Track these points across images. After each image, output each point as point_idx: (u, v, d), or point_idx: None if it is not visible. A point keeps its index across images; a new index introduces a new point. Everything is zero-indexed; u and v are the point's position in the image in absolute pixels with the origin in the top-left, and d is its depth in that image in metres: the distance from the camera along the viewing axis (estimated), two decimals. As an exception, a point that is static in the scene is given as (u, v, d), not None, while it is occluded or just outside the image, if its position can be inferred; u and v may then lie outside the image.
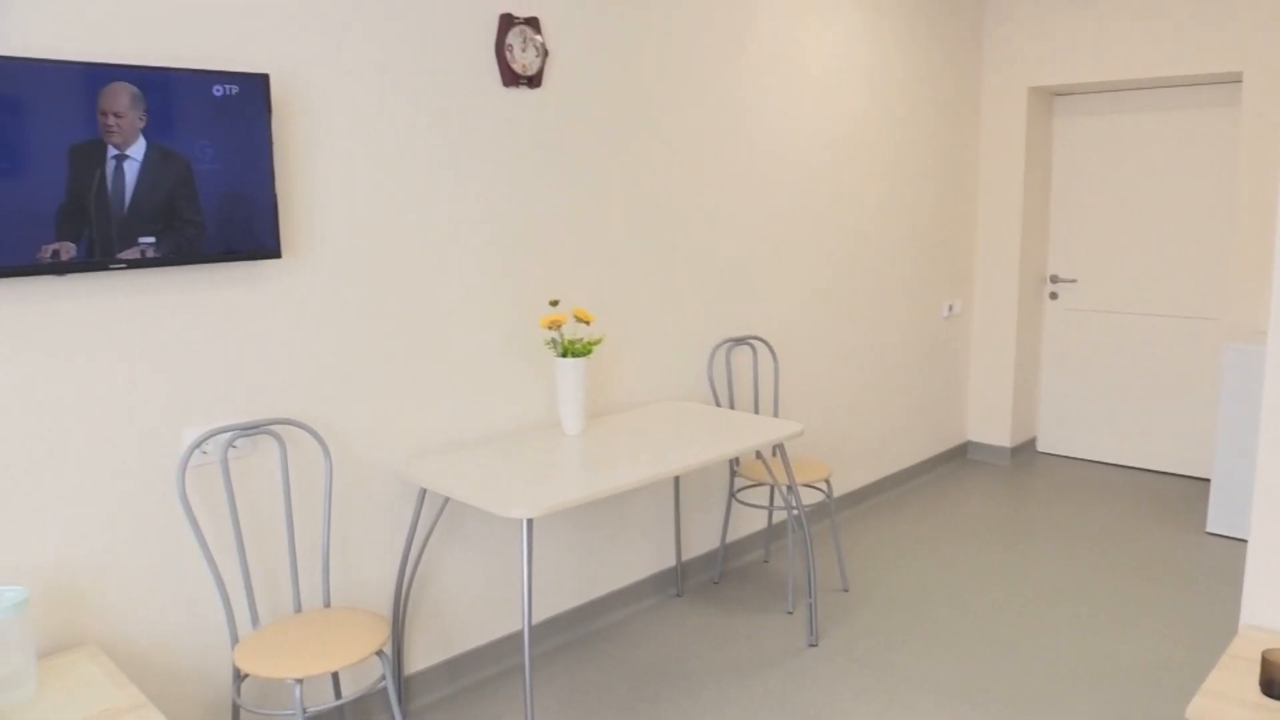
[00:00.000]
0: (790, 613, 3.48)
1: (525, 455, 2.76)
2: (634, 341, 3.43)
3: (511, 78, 2.91)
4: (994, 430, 5.35)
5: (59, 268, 2.08)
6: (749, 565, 3.95)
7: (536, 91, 3.02)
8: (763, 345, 3.96)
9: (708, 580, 3.80)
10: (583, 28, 3.13)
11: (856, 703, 2.87)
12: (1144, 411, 5.08)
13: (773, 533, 4.15)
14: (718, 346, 3.72)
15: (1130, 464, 5.18)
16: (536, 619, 3.23)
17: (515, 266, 3.02)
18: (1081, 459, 5.36)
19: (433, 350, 2.84)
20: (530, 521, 2.36)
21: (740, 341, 3.78)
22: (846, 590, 3.66)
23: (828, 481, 3.59)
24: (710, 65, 3.58)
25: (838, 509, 4.52)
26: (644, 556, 3.58)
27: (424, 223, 2.78)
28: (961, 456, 5.45)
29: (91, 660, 2.14)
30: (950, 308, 5.14)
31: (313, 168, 2.54)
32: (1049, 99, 5.20)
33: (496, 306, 2.98)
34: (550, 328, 2.89)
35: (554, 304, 2.99)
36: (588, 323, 3.01)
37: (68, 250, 2.09)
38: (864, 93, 4.34)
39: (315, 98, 2.53)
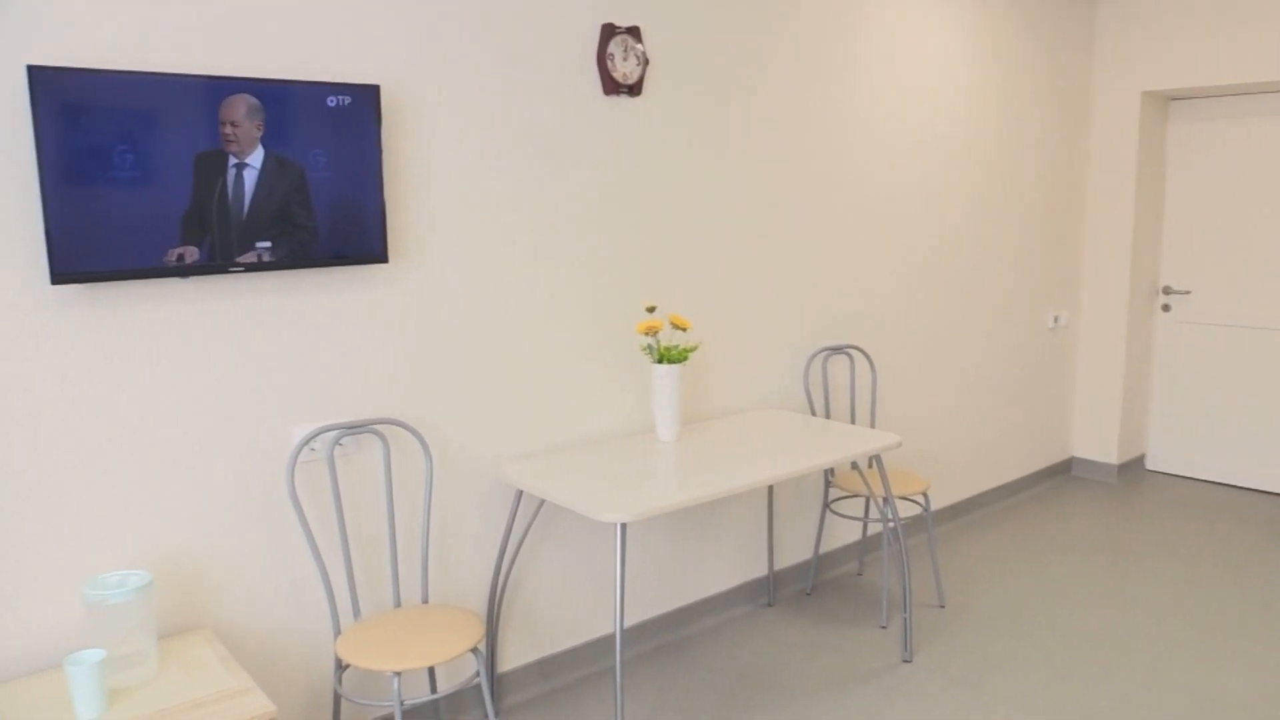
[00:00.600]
0: (884, 627, 3.43)
1: (620, 460, 2.79)
2: (730, 349, 3.43)
3: (612, 86, 2.95)
4: (1101, 446, 5.17)
5: (183, 270, 2.18)
6: (842, 577, 3.90)
7: (636, 100, 3.05)
8: (860, 354, 3.91)
9: (800, 591, 3.76)
10: (683, 36, 3.15)
11: (951, 721, 2.82)
12: (1262, 430, 4.84)
13: (867, 545, 4.09)
14: (814, 355, 3.69)
15: (1246, 485, 4.94)
16: (628, 623, 3.26)
17: (613, 272, 3.05)
18: (1193, 478, 5.14)
19: (531, 354, 2.89)
20: (624, 526, 2.38)
21: (837, 350, 3.74)
22: (943, 606, 3.59)
23: (925, 494, 3.53)
24: (809, 71, 3.56)
25: (935, 523, 4.43)
26: (736, 565, 3.57)
27: (524, 229, 2.83)
28: (1065, 472, 5.28)
29: (206, 644, 2.25)
30: (1056, 318, 4.99)
31: (418, 175, 2.61)
32: (1164, 103, 5.01)
33: (594, 312, 3.02)
34: (647, 334, 2.91)
35: (651, 310, 3.01)
36: (684, 329, 3.02)
37: (191, 254, 2.19)
38: (967, 95, 4.25)
39: (422, 107, 2.60)
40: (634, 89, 3.00)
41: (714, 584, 3.50)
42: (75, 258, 2.05)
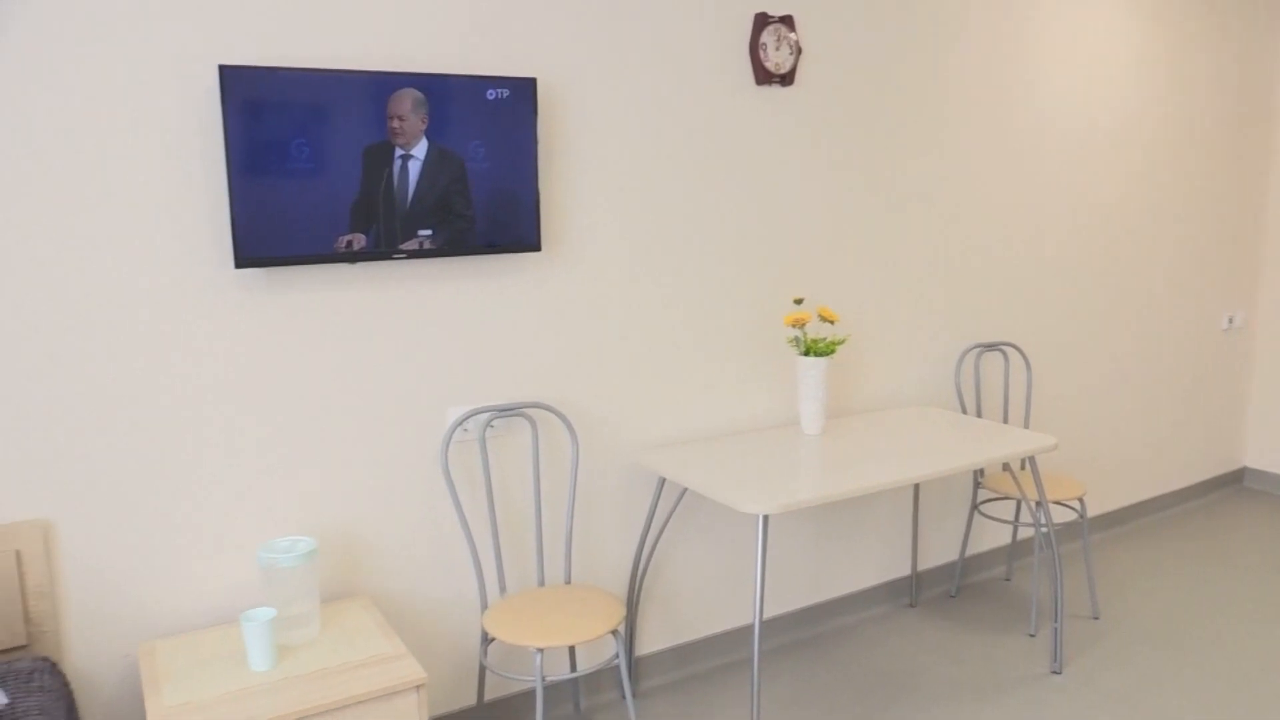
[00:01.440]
0: (1032, 635, 3.30)
1: (764, 452, 2.79)
2: (878, 343, 3.37)
3: (764, 76, 2.93)
4: (1277, 457, 4.81)
5: (351, 256, 2.31)
6: (989, 582, 3.78)
7: (788, 89, 3.03)
8: (1015, 352, 3.77)
9: (943, 593, 3.67)
10: (838, 25, 3.10)
11: (1103, 738, 2.70)
12: None
13: (1017, 550, 3.95)
14: (966, 351, 3.58)
15: None
16: (766, 615, 3.25)
17: (761, 263, 3.04)
18: (1388, 497, 4.73)
19: (677, 344, 2.91)
20: (766, 518, 2.38)
21: (991, 347, 3.62)
22: (1096, 618, 3.43)
23: (1081, 500, 3.38)
24: (968, 60, 3.45)
25: (1091, 530, 4.24)
26: (878, 563, 3.51)
27: (673, 219, 2.86)
28: (1237, 483, 4.95)
29: (364, 610, 2.37)
30: (1231, 319, 4.68)
31: (571, 166, 2.67)
32: (1367, 89, 4.61)
33: (741, 303, 3.02)
34: (794, 326, 2.89)
35: (798, 302, 2.99)
36: (832, 322, 2.98)
37: (359, 241, 2.31)
38: (1136, 85, 4.03)
39: (577, 99, 2.66)
40: (786, 79, 2.98)
41: (855, 581, 3.46)
42: (257, 244, 2.20)
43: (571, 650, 2.81)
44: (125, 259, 2.15)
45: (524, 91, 2.47)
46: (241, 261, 2.19)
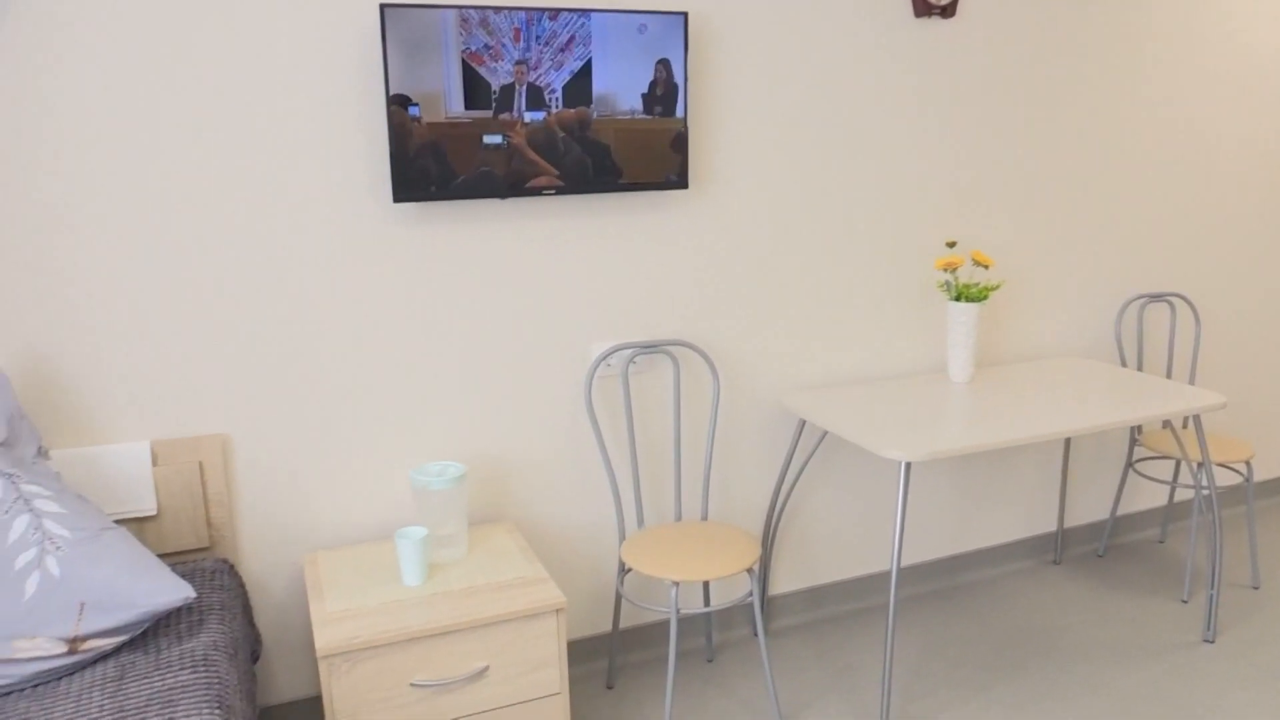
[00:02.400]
0: (1185, 602, 3.16)
1: (908, 398, 2.73)
2: (1034, 290, 3.23)
3: (924, 8, 2.81)
4: None
5: (501, 192, 2.36)
6: (1140, 543, 3.62)
7: (949, 22, 2.89)
8: (1183, 303, 3.56)
9: (1090, 552, 3.54)
10: (1008, -48, 2.94)
11: (1252, 713, 2.57)
12: None
13: (1173, 512, 3.77)
14: (1129, 302, 3.40)
15: None
16: (903, 563, 3.22)
17: (914, 204, 2.95)
18: None
19: (823, 285, 2.87)
20: (908, 466, 2.34)
21: (1156, 298, 3.42)
22: (1257, 588, 3.25)
23: (1248, 463, 3.18)
24: (1153, -11, 3.21)
25: (1256, 495, 4.00)
26: (1021, 517, 3.41)
27: (824, 156, 2.79)
28: None
29: (508, 534, 2.47)
30: None
31: (720, 102, 2.64)
32: None
33: (891, 245, 2.94)
34: (945, 270, 2.80)
35: (951, 245, 2.89)
36: (986, 267, 2.88)
37: (510, 177, 2.36)
38: (1349, 16, 3.66)
39: (727, 34, 2.61)
40: (947, 10, 2.85)
41: (996, 534, 3.37)
42: (412, 180, 2.27)
43: (706, 585, 2.85)
44: (295, 194, 2.26)
45: (674, 25, 2.45)
46: (398, 196, 2.26)
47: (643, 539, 2.53)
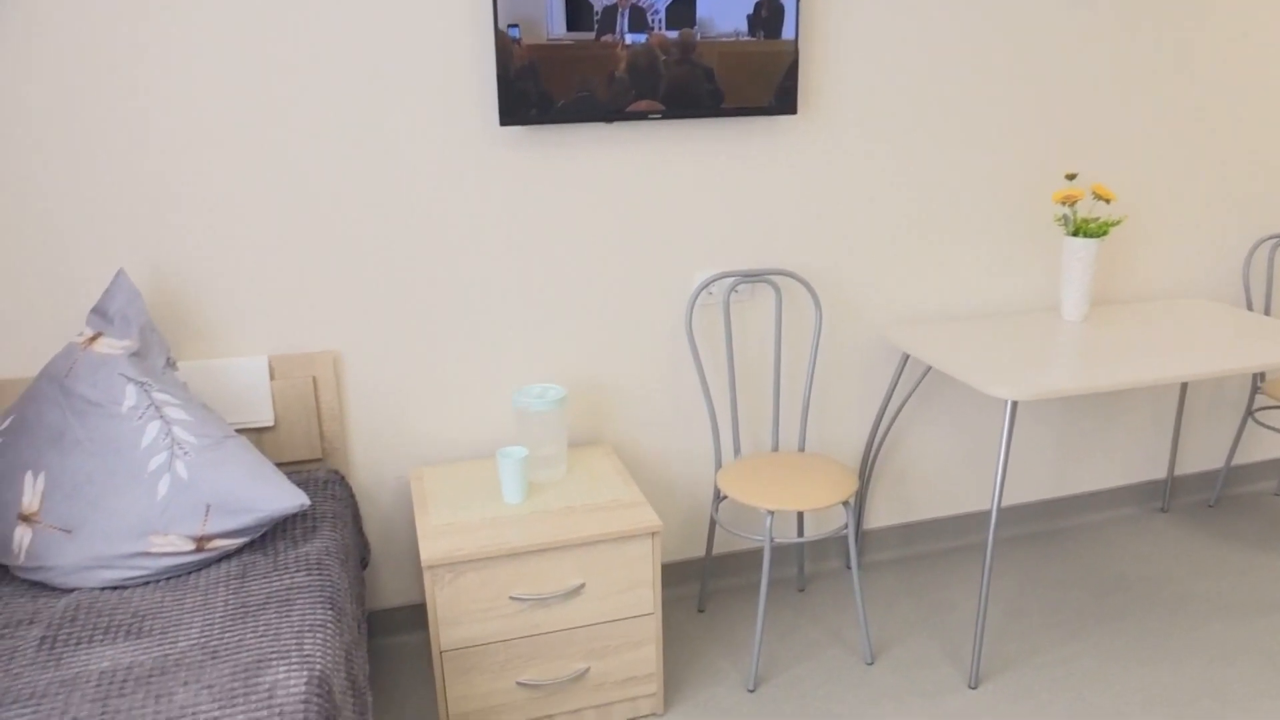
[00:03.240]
0: (1302, 556, 3.04)
1: (1017, 335, 2.65)
2: (1156, 227, 3.08)
3: (1057, -75, 2.65)
4: None
5: (606, 116, 2.34)
6: (1257, 495, 3.48)
7: (1084, -60, 2.73)
8: (1321, 246, 3.35)
9: (1201, 502, 3.42)
10: None
11: (1376, 672, 2.47)
12: None
13: (1294, 464, 3.61)
14: (1260, 242, 3.22)
15: None
16: (1003, 504, 3.16)
17: (1031, 134, 2.83)
18: None
19: (932, 216, 2.79)
20: (1014, 405, 2.29)
21: (1292, 239, 3.23)
22: (1384, 545, 3.10)
23: (1383, 416, 3.01)
24: (1312, -99, 2.96)
25: (1388, 451, 3.79)
26: (1129, 462, 3.31)
27: (938, 84, 2.69)
28: None
29: (606, 457, 2.51)
30: None
31: (832, 26, 2.56)
32: None
33: (1006, 176, 2.83)
34: (1063, 203, 2.69)
35: (1071, 178, 2.77)
36: (1107, 201, 2.75)
37: (614, 102, 2.34)
38: None
39: (847, -48, 2.52)
40: (1083, -73, 2.68)
41: (1101, 479, 3.28)
42: (518, 103, 2.27)
43: (800, 516, 2.86)
44: (406, 118, 2.29)
45: (792, -56, 2.37)
46: (505, 120, 2.27)
47: (739, 467, 2.54)
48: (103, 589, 1.89)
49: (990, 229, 2.86)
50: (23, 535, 1.89)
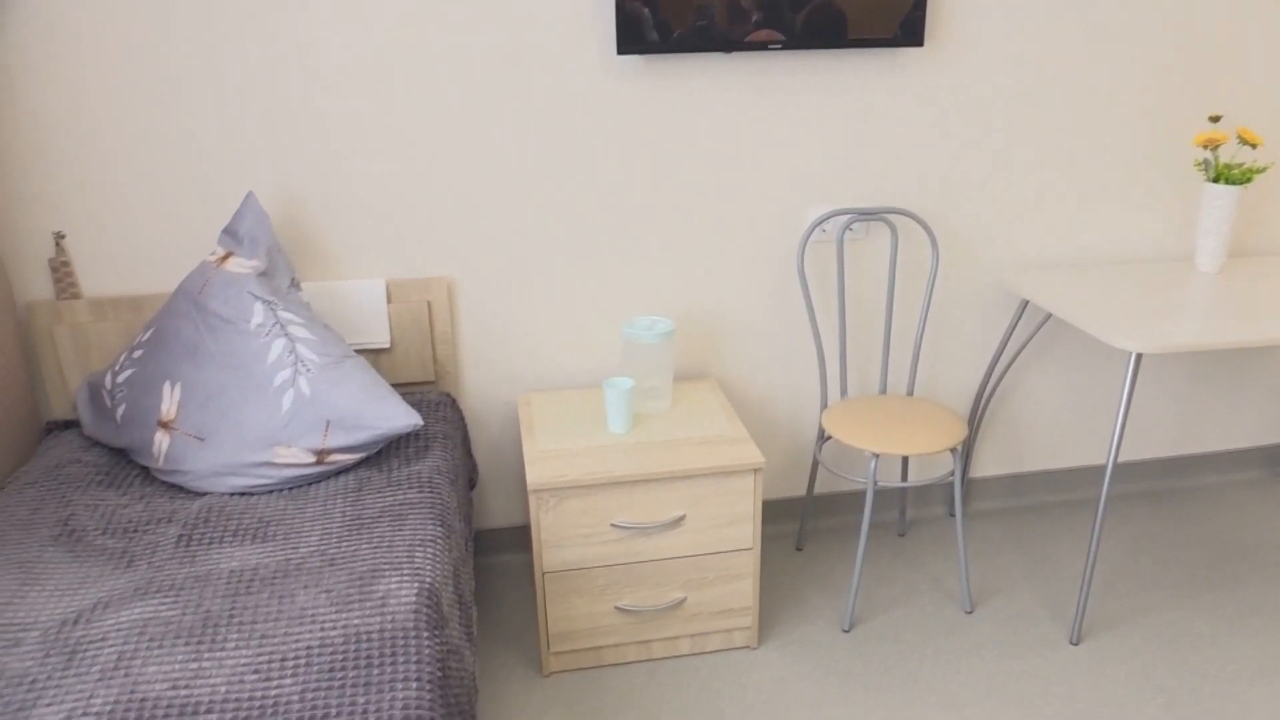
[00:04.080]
0: None
1: (1146, 285, 2.54)
2: (1308, 175, 2.89)
3: None
4: None
5: (725, 47, 2.30)
6: (1398, 463, 3.29)
7: None
8: None
9: (1336, 467, 3.25)
10: None
11: None
12: None
13: None
14: None
15: None
16: (1119, 459, 3.05)
17: (1174, 71, 2.66)
18: None
19: (1063, 157, 2.67)
20: (1139, 357, 2.20)
21: None
22: None
23: None
24: None
25: None
26: (1257, 424, 3.15)
27: (1077, 18, 2.54)
28: None
29: (711, 392, 2.52)
30: None
31: (971, -48, 2.44)
32: None
33: (1142, 115, 2.68)
34: (1205, 147, 2.54)
35: (1215, 120, 2.60)
36: (1253, 146, 2.58)
37: (733, 32, 2.29)
38: None
39: (987, -126, 2.39)
40: None
41: (1226, 439, 3.14)
42: (636, 32, 2.24)
43: (905, 460, 2.83)
44: (525, 46, 2.29)
45: None
46: (622, 48, 2.25)
47: (845, 408, 2.52)
48: (231, 495, 2.00)
49: (1124, 172, 2.72)
50: (162, 440, 2.02)
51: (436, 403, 2.37)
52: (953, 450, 2.38)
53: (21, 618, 1.61)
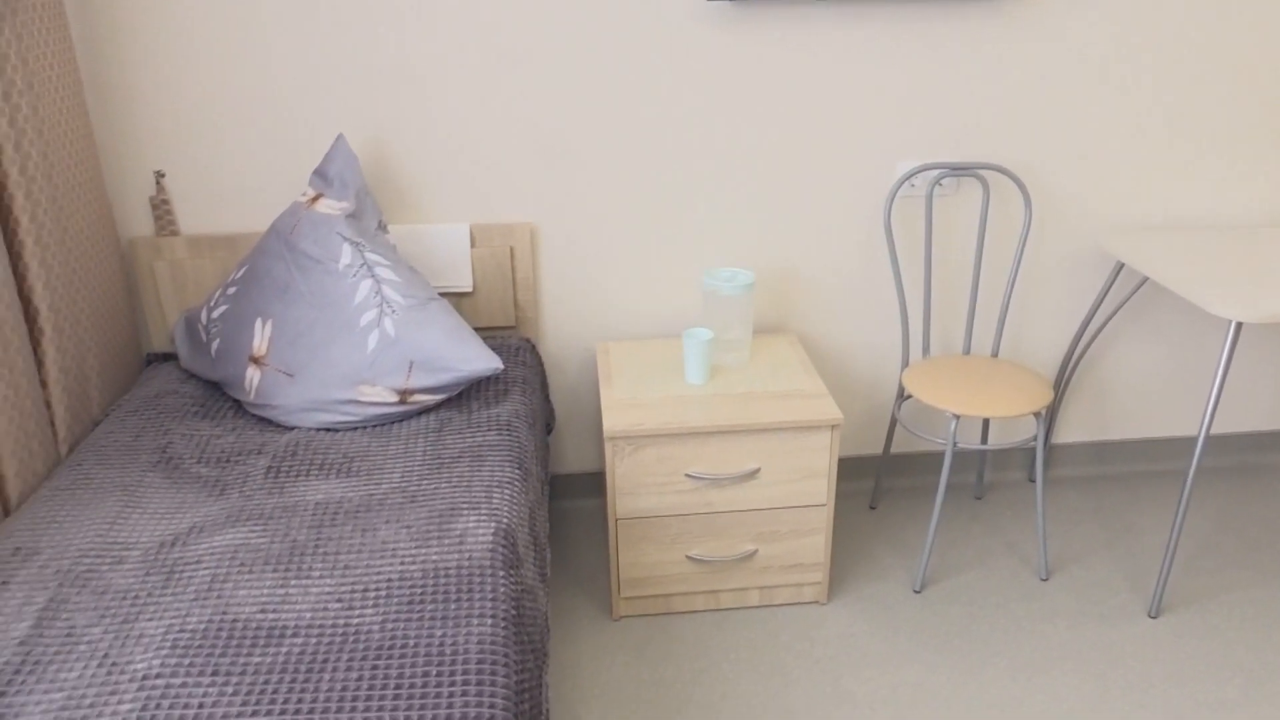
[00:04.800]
0: None
1: (1253, 251, 2.43)
2: None
3: None
4: None
5: (823, -8, 2.24)
6: None
7: None
8: None
9: None
10: None
11: None
12: None
13: None
14: None
15: None
16: (1212, 431, 2.95)
17: (1298, 27, 2.52)
18: None
19: (1161, 115, 2.55)
20: (1239, 326, 2.11)
21: None
22: None
23: None
24: None
25: None
26: (1366, 398, 3.01)
27: (1196, -35, 2.42)
28: None
29: (790, 346, 2.50)
30: None
31: (1082, -105, 2.32)
32: None
33: (1258, 70, 2.54)
34: (1326, 107, 2.40)
35: (1339, 78, 2.46)
36: (1380, 106, 2.43)
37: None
38: None
39: None
40: None
41: (1330, 414, 3.01)
42: (733, -27, 2.20)
43: (986, 423, 2.78)
44: (614, -16, 2.27)
45: None
46: (717, -8, 2.21)
47: (927, 367, 2.48)
48: (318, 430, 2.06)
49: (1229, 133, 2.59)
50: (253, 375, 2.09)
51: (516, 348, 2.41)
52: (1036, 414, 2.33)
53: (125, 537, 1.69)
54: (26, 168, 1.90)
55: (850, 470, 2.85)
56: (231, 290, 2.17)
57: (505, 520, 1.73)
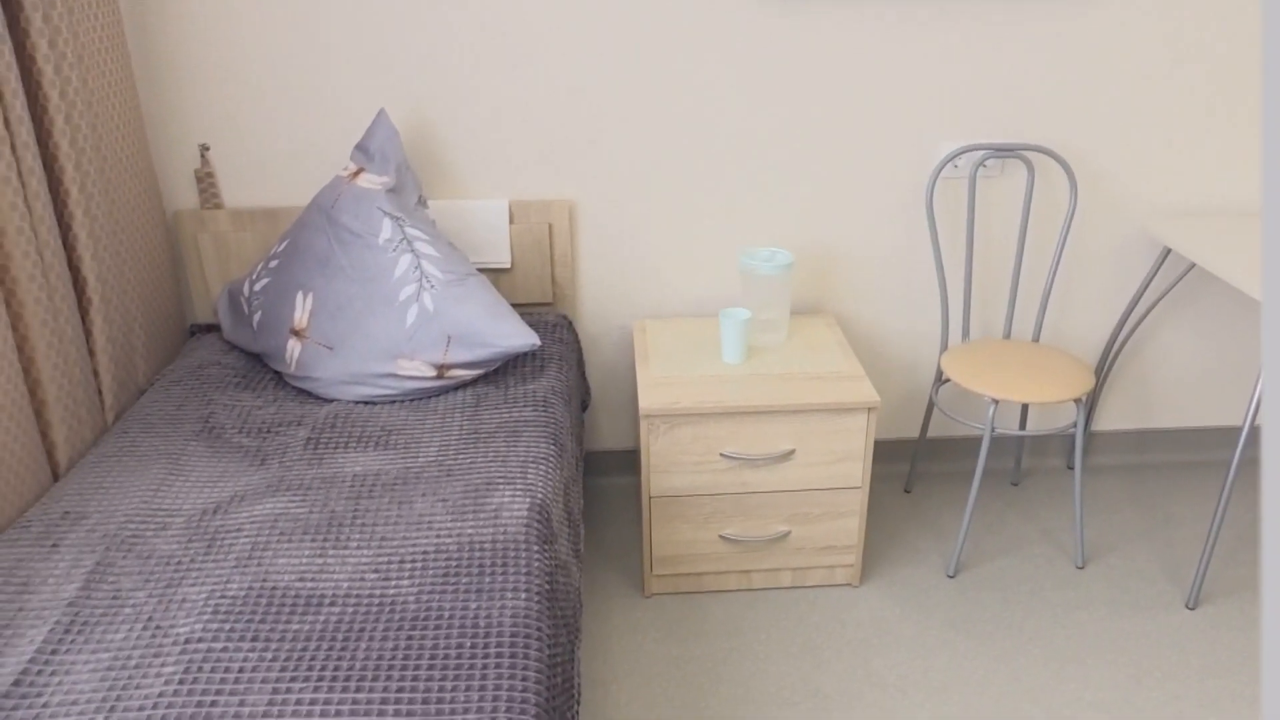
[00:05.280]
0: None
1: (1302, 238, 2.37)
2: None
3: None
4: None
5: (869, -31, 2.21)
6: None
7: None
8: None
9: None
10: None
11: None
12: None
13: None
14: None
15: None
16: (1257, 421, 2.91)
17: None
18: None
19: (1219, 95, 2.49)
20: (1290, 313, 2.06)
21: None
22: None
23: None
24: None
25: None
26: None
27: (1255, -57, 2.35)
28: None
29: (828, 327, 2.49)
30: None
31: None
32: None
33: (1318, 55, 2.47)
34: (1387, 90, 2.33)
35: (1402, 61, 2.38)
36: None
37: (880, -48, 2.20)
38: None
39: None
40: None
41: (1381, 405, 2.94)
42: (778, -51, 2.18)
43: (1025, 408, 2.75)
44: (657, -40, 2.25)
45: None
46: (761, -31, 2.19)
47: (966, 351, 2.45)
48: (356, 403, 2.09)
49: (1291, 115, 2.53)
50: (294, 347, 2.11)
51: (554, 324, 2.41)
52: (1077, 401, 2.30)
53: (168, 504, 1.73)
54: (76, 140, 1.94)
55: (886, 453, 2.83)
56: (273, 263, 2.20)
57: (540, 495, 1.75)
